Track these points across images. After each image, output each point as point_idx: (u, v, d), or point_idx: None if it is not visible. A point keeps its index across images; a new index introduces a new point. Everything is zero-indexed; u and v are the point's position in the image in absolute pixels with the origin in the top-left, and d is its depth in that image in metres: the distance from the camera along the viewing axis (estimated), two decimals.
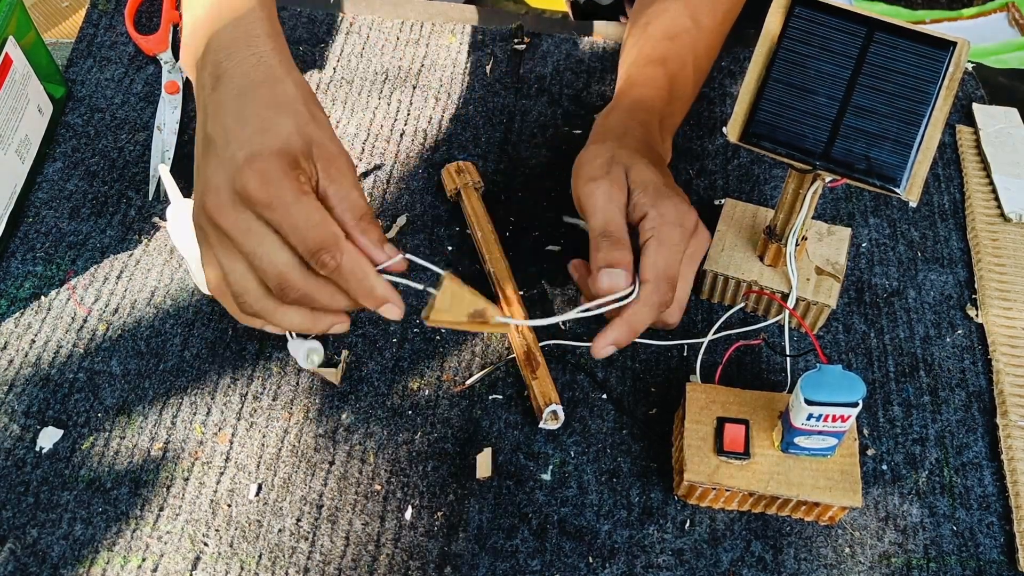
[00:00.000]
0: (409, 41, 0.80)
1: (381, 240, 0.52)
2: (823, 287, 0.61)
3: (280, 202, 0.48)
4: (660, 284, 0.55)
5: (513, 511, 0.56)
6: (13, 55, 0.67)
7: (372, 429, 0.59)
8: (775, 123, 0.52)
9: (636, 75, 0.68)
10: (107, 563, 0.54)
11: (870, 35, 0.50)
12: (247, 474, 0.57)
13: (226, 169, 0.49)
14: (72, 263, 0.67)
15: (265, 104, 0.51)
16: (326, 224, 0.49)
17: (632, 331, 0.56)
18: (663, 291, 0.55)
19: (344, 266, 0.49)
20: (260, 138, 0.49)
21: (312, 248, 0.49)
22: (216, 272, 0.51)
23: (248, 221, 0.49)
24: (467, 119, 0.75)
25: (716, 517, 0.56)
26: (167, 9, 0.81)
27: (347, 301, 0.52)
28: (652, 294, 0.55)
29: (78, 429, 0.59)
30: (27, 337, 0.63)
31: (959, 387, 0.61)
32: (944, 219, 0.70)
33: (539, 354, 0.60)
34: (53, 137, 0.73)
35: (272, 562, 0.54)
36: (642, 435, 0.59)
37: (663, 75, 0.67)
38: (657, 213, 0.57)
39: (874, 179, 0.51)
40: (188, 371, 0.61)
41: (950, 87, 0.49)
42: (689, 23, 0.69)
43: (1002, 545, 0.55)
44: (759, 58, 0.52)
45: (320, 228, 0.49)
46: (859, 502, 0.53)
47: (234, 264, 0.50)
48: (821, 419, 0.50)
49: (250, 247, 0.49)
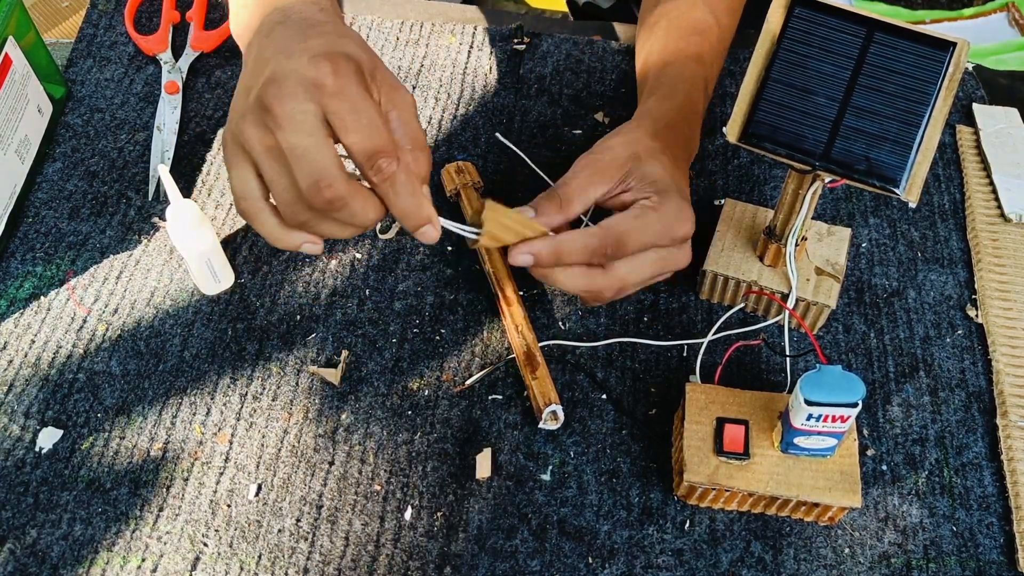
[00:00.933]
0: (409, 41, 0.80)
1: (427, 178, 0.51)
2: (823, 287, 0.61)
3: (350, 94, 0.47)
4: (610, 236, 0.54)
5: (513, 511, 0.56)
6: (13, 55, 0.67)
7: (372, 429, 0.59)
8: (775, 123, 0.52)
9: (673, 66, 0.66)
10: (107, 563, 0.54)
11: (870, 35, 0.50)
12: (247, 474, 0.57)
13: (294, 62, 0.48)
14: (72, 263, 0.67)
15: (333, 32, 0.51)
16: (389, 131, 0.49)
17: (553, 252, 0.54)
18: (610, 245, 0.54)
19: (399, 176, 0.49)
20: (332, 44, 0.49)
21: (371, 149, 0.48)
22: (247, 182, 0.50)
23: (306, 112, 0.47)
24: (467, 119, 0.75)
25: (716, 517, 0.56)
26: (167, 9, 0.81)
27: (375, 214, 0.50)
28: (593, 235, 0.54)
29: (78, 429, 0.59)
30: (27, 337, 0.63)
31: (959, 387, 0.61)
32: (944, 219, 0.70)
33: (539, 354, 0.60)
34: (53, 137, 0.73)
35: (272, 562, 0.54)
36: (642, 435, 0.59)
37: (699, 70, 0.66)
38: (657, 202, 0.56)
39: (874, 180, 0.51)
40: (188, 371, 0.61)
41: (950, 87, 0.49)
42: (712, 20, 0.69)
43: (1002, 545, 0.55)
44: (759, 58, 0.52)
45: (384, 132, 0.48)
46: (859, 502, 0.53)
47: (272, 163, 0.48)
48: (821, 419, 0.50)
49: (298, 139, 0.47)
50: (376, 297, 0.65)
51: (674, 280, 0.65)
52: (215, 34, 0.79)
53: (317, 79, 0.47)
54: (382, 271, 0.66)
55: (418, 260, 0.67)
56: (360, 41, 0.52)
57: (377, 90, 0.50)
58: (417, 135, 0.51)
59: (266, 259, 0.67)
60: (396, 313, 0.64)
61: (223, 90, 0.77)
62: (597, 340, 0.63)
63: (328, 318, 0.64)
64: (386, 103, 0.51)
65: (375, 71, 0.50)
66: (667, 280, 0.65)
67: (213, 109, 0.75)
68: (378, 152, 0.48)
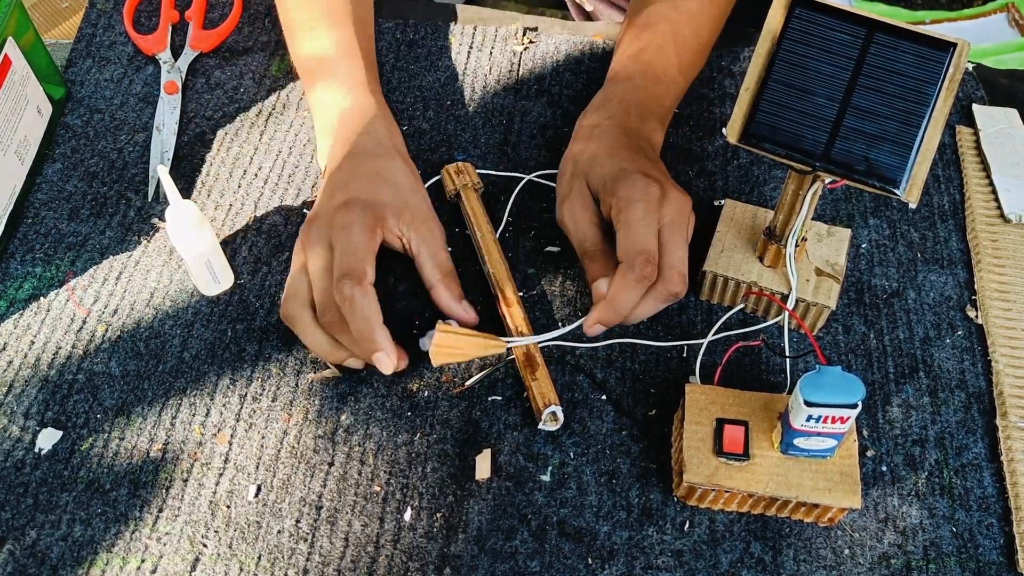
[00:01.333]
0: (409, 41, 0.80)
1: (459, 296, 0.62)
2: (823, 288, 0.61)
3: (345, 231, 0.58)
4: (632, 262, 0.57)
5: (512, 512, 0.56)
6: (12, 56, 0.67)
7: (371, 430, 0.59)
8: (775, 124, 0.52)
9: (612, 70, 0.71)
10: (106, 564, 0.54)
11: (870, 36, 0.50)
12: (246, 475, 0.57)
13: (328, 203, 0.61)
14: (71, 264, 0.67)
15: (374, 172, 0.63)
16: (365, 260, 0.58)
17: (615, 310, 0.59)
18: (638, 267, 0.57)
19: (357, 301, 0.56)
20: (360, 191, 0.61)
21: (341, 272, 0.57)
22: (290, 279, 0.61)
23: (322, 244, 0.59)
24: (467, 119, 0.75)
25: (715, 518, 0.56)
26: (166, 8, 0.81)
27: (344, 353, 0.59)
28: (625, 273, 0.58)
29: (77, 430, 0.59)
30: (26, 338, 0.63)
31: (959, 388, 0.61)
32: (944, 220, 0.70)
33: (539, 355, 0.60)
34: (52, 138, 0.73)
35: (271, 563, 0.54)
36: (641, 436, 0.59)
37: (637, 64, 0.69)
38: (617, 199, 0.60)
39: (874, 180, 0.51)
40: (187, 372, 0.61)
41: (950, 88, 0.49)
42: (666, 9, 0.71)
43: (1002, 546, 0.55)
44: (759, 59, 0.52)
45: (355, 257, 0.57)
46: (858, 503, 0.53)
47: (300, 274, 0.60)
48: (820, 420, 0.50)
49: (311, 261, 0.59)
50: None
51: None
52: (214, 33, 0.79)
53: (331, 220, 0.60)
54: (381, 271, 0.66)
55: None
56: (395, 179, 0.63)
57: (405, 229, 0.61)
58: (444, 264, 0.62)
59: (266, 260, 0.67)
60: (396, 313, 0.64)
61: (222, 91, 0.77)
62: (597, 341, 0.63)
63: None
64: (415, 241, 0.62)
65: (403, 210, 0.61)
66: None
67: (212, 110, 0.75)
68: (344, 275, 0.56)
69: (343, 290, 0.56)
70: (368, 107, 0.67)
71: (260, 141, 0.74)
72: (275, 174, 0.72)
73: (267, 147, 0.73)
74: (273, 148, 0.73)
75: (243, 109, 0.76)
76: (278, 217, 0.69)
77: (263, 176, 0.72)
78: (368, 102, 0.67)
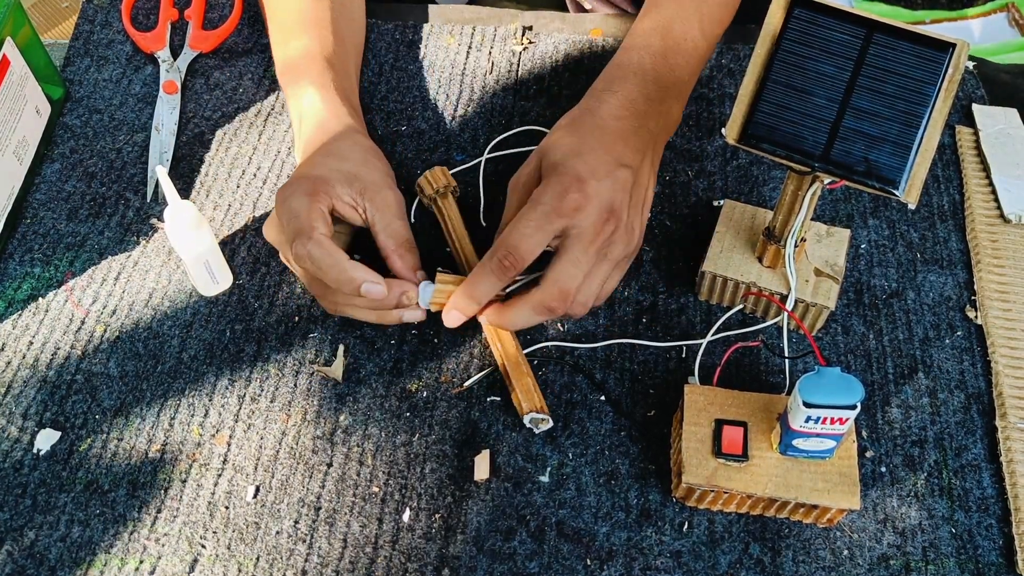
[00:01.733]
0: (408, 42, 0.80)
1: (415, 267, 0.60)
2: (822, 289, 0.61)
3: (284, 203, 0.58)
4: (495, 250, 0.56)
5: (511, 513, 0.56)
6: (11, 56, 0.67)
7: (370, 431, 0.59)
8: (774, 124, 0.52)
9: (628, 38, 0.67)
10: (104, 565, 0.54)
11: (869, 36, 0.50)
12: (245, 476, 0.57)
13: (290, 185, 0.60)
14: (70, 264, 0.66)
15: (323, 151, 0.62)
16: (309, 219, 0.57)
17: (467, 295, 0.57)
18: (496, 256, 0.56)
19: (312, 253, 0.56)
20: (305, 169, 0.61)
21: (289, 239, 0.57)
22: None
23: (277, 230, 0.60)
24: (466, 120, 0.75)
25: (714, 519, 0.56)
26: (165, 6, 0.81)
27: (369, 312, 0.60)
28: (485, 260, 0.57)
29: (76, 431, 0.59)
30: (25, 339, 0.63)
31: (958, 389, 0.61)
32: (943, 220, 0.70)
33: (523, 362, 0.59)
34: (51, 138, 0.73)
35: (270, 564, 0.54)
36: (640, 437, 0.59)
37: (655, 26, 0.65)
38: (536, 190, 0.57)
39: (873, 181, 0.51)
40: (186, 373, 0.61)
41: (949, 89, 0.49)
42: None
43: (1001, 547, 0.55)
44: (758, 59, 0.52)
45: (297, 219, 0.57)
46: (857, 504, 0.53)
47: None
48: (819, 421, 0.50)
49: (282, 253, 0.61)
50: None
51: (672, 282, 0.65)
52: (214, 34, 0.79)
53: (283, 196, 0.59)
54: (381, 271, 0.66)
55: None
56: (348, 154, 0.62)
57: (360, 200, 0.60)
58: (399, 233, 0.60)
59: (264, 260, 0.67)
60: None
61: (221, 91, 0.76)
62: (596, 341, 0.63)
63: (326, 319, 0.64)
64: (371, 211, 0.60)
65: (353, 180, 0.60)
66: (665, 280, 0.65)
67: (211, 110, 0.75)
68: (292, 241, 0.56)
69: (297, 251, 0.56)
70: (327, 107, 0.65)
71: (259, 141, 0.74)
72: (274, 174, 0.72)
73: (266, 148, 0.73)
74: (272, 149, 0.73)
75: (242, 109, 0.76)
76: None
77: (262, 176, 0.71)
78: (328, 103, 0.66)
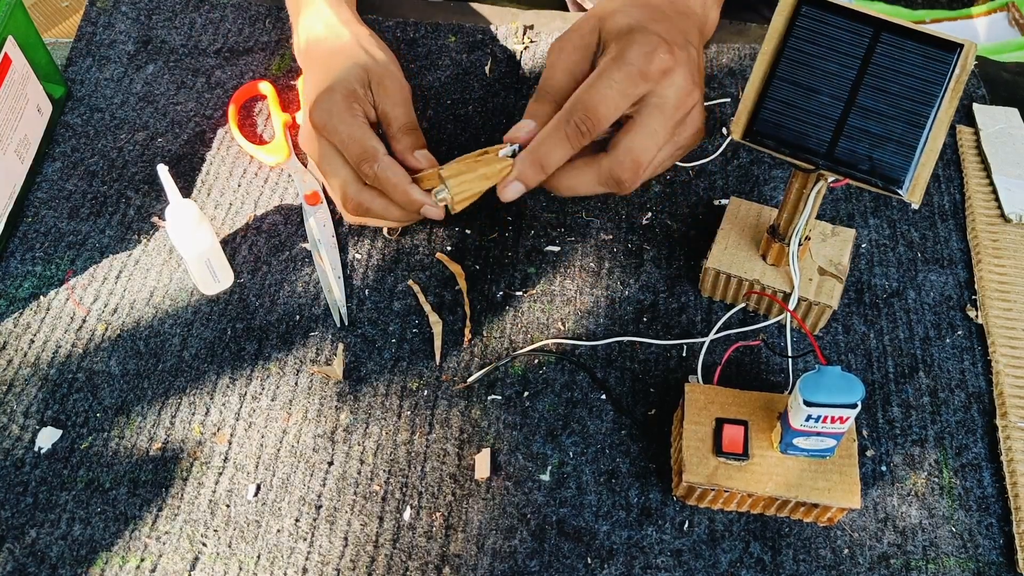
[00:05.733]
0: (409, 41, 0.80)
1: (415, 147, 0.61)
2: (825, 288, 0.61)
3: (332, 127, 0.59)
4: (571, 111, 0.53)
5: (512, 512, 0.56)
6: (12, 55, 0.67)
7: (371, 429, 0.59)
8: (779, 122, 0.52)
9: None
10: (106, 563, 0.54)
11: (876, 36, 0.50)
12: (246, 474, 0.57)
13: (305, 111, 0.62)
14: (71, 263, 0.67)
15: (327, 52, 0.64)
16: (365, 139, 0.59)
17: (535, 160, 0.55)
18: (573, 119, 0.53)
19: (380, 174, 0.58)
20: (322, 79, 0.62)
21: (354, 160, 0.59)
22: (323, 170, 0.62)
23: (322, 147, 0.60)
24: (467, 119, 0.75)
25: (715, 518, 0.56)
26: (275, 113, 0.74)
27: (399, 212, 0.60)
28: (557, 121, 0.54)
29: (77, 429, 0.59)
30: (26, 337, 0.63)
31: (959, 388, 0.61)
32: (944, 220, 0.70)
33: None
34: (52, 137, 0.73)
35: (270, 562, 0.54)
36: (641, 435, 0.59)
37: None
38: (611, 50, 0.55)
39: (877, 180, 0.51)
40: (187, 371, 0.61)
41: (956, 89, 0.49)
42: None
43: (1001, 547, 0.55)
44: (765, 56, 0.52)
45: (359, 143, 0.59)
46: (858, 503, 0.53)
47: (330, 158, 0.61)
48: (820, 420, 0.50)
49: (323, 166, 0.61)
50: (375, 297, 0.65)
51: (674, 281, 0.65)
52: None
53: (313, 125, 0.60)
54: (381, 271, 0.66)
55: (417, 260, 0.67)
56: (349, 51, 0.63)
57: (370, 94, 0.61)
58: (398, 117, 0.61)
59: (265, 259, 0.67)
60: (395, 313, 0.64)
61: (222, 90, 0.77)
62: (597, 340, 0.63)
63: (327, 318, 0.64)
64: (379, 101, 0.61)
65: (367, 77, 0.61)
66: (666, 279, 0.65)
67: (213, 109, 0.75)
68: (360, 161, 0.59)
69: (366, 173, 0.58)
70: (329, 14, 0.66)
71: None
72: (275, 173, 0.72)
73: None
74: None
75: None
76: (278, 216, 0.69)
77: (263, 175, 0.72)
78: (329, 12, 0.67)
